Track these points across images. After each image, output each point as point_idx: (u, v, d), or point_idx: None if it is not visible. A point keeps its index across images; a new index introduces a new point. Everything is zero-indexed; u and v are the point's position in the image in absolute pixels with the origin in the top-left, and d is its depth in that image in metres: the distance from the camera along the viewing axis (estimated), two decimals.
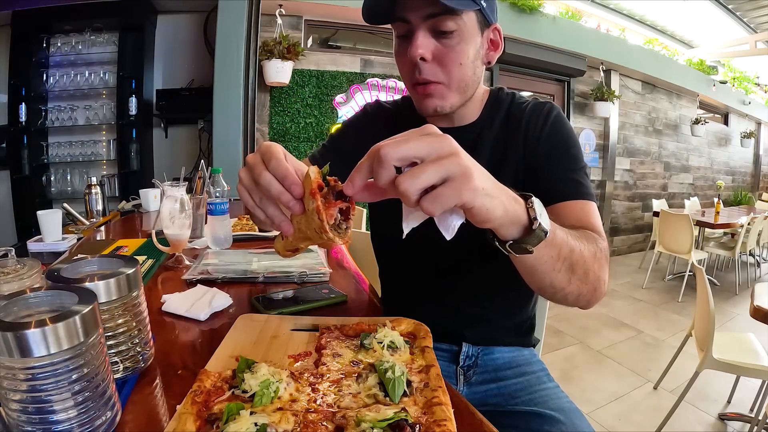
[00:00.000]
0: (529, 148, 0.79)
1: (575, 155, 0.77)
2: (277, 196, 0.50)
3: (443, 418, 0.44)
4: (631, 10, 5.24)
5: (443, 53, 0.72)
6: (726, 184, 6.85)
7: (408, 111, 0.87)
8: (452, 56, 0.72)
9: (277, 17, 3.14)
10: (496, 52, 0.80)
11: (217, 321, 0.77)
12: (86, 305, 0.42)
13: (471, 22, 0.72)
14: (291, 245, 0.57)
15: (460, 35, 0.71)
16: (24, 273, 0.64)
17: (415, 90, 0.76)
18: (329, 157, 0.90)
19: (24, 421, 0.40)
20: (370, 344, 0.59)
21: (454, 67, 0.73)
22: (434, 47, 0.72)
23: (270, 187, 0.50)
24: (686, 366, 2.05)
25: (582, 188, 0.74)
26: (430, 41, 0.71)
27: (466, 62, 0.73)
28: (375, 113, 0.94)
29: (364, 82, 3.48)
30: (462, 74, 0.74)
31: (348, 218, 0.50)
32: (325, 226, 0.47)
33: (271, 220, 0.53)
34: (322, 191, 0.48)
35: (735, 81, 6.44)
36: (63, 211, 1.50)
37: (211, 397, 0.48)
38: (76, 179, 3.16)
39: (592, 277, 0.61)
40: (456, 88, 0.75)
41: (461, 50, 0.72)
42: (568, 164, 0.76)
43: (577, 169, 0.76)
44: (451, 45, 0.72)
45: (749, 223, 3.99)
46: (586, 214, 0.71)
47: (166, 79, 3.29)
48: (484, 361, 0.87)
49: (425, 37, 0.71)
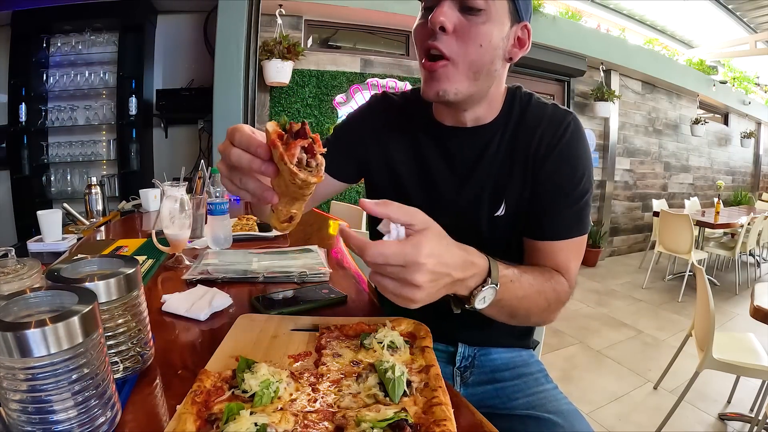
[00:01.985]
0: (538, 162, 0.75)
1: (582, 183, 0.74)
2: (248, 166, 0.50)
3: (443, 418, 0.44)
4: (631, 10, 5.24)
5: (465, 27, 0.67)
6: (726, 184, 6.85)
7: (416, 104, 0.83)
8: (474, 33, 0.67)
9: (277, 17, 3.14)
10: (521, 50, 0.74)
11: (217, 321, 0.77)
12: (86, 305, 0.42)
13: (502, 8, 0.68)
14: (282, 214, 0.55)
15: (487, 15, 0.67)
16: (24, 273, 0.64)
17: (423, 66, 0.71)
18: (333, 152, 0.86)
19: (24, 421, 0.40)
20: (370, 344, 0.59)
21: (473, 46, 0.67)
22: (458, 19, 0.67)
23: (240, 160, 0.51)
24: (686, 366, 2.05)
25: (577, 225, 0.74)
26: (454, 12, 0.67)
27: (487, 45, 0.68)
28: (381, 106, 0.89)
29: (364, 82, 3.48)
30: (478, 56, 0.68)
31: (314, 154, 0.49)
32: (292, 168, 0.47)
33: (254, 195, 0.53)
34: (282, 139, 0.48)
35: (735, 81, 6.44)
36: (63, 211, 1.50)
37: (211, 397, 0.48)
38: (76, 179, 3.16)
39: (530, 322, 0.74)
40: (466, 71, 0.69)
41: (485, 30, 0.67)
42: (573, 197, 0.74)
43: (580, 200, 0.74)
44: (476, 22, 0.67)
45: (749, 223, 3.99)
46: (567, 254, 0.74)
47: (166, 79, 3.29)
48: (482, 362, 0.86)
49: (451, 8, 0.67)
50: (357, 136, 0.87)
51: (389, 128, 0.85)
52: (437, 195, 0.80)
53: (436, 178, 0.80)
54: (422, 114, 0.82)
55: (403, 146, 0.83)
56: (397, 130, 0.84)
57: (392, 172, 0.84)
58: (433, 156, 0.81)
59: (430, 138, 0.81)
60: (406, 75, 3.60)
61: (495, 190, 0.77)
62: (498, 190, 0.77)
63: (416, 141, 0.82)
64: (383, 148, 0.84)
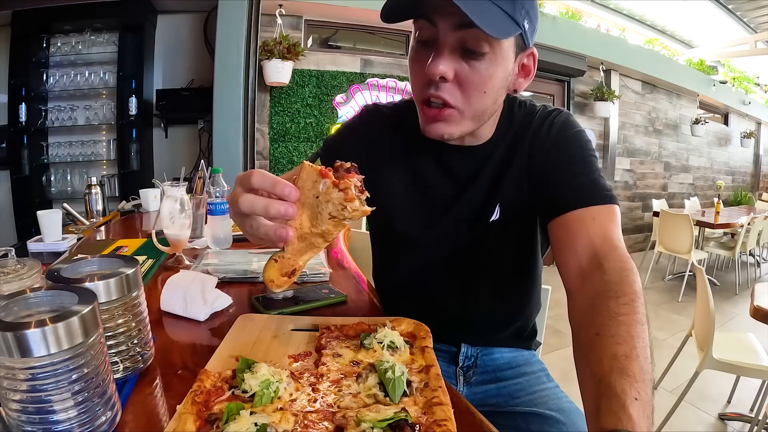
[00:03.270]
0: (534, 158, 0.73)
1: (587, 157, 0.70)
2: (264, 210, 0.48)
3: (443, 418, 0.44)
4: (631, 10, 5.24)
5: (468, 76, 0.62)
6: (726, 184, 6.85)
7: (409, 117, 0.77)
8: (477, 82, 0.62)
9: (277, 17, 3.14)
10: (525, 79, 0.70)
11: (217, 321, 0.77)
12: (86, 305, 0.42)
13: (507, 45, 0.62)
14: (287, 265, 0.53)
15: (492, 59, 0.61)
16: (24, 273, 0.64)
17: (423, 110, 0.68)
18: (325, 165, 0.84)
19: (24, 421, 0.40)
20: (370, 344, 0.59)
21: (476, 95, 0.63)
22: (459, 67, 0.61)
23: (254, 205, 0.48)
24: (686, 366, 2.05)
25: (599, 190, 0.65)
26: (455, 58, 0.61)
27: (491, 90, 0.64)
28: (372, 119, 0.86)
29: (364, 82, 3.47)
30: (482, 103, 0.65)
31: (363, 190, 0.50)
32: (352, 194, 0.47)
33: (268, 237, 0.50)
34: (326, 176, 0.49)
35: (735, 81, 6.44)
36: (63, 211, 1.50)
37: (211, 397, 0.48)
38: (76, 179, 3.16)
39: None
40: (471, 117, 0.66)
41: (489, 76, 0.62)
42: (581, 167, 0.68)
43: (591, 170, 0.68)
44: (479, 68, 0.61)
45: (749, 223, 3.99)
46: (605, 226, 0.61)
47: (166, 79, 3.29)
48: (484, 362, 0.86)
49: (452, 53, 0.60)
50: (349, 150, 0.79)
51: (382, 143, 0.82)
52: (434, 208, 0.79)
53: (434, 194, 0.79)
54: (417, 129, 0.73)
55: (399, 163, 0.81)
56: (391, 146, 0.82)
57: (387, 187, 0.80)
58: (431, 172, 0.79)
59: (427, 155, 0.79)
60: (406, 75, 3.54)
61: (490, 195, 0.76)
62: (493, 194, 0.76)
63: (412, 158, 0.80)
64: (377, 163, 0.79)
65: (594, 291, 0.54)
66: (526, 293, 0.87)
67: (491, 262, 0.81)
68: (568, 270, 0.61)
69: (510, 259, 0.82)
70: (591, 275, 0.57)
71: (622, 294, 0.51)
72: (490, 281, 0.82)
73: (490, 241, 0.78)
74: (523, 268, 0.85)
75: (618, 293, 0.51)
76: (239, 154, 2.99)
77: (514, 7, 0.58)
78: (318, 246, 0.52)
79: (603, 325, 0.49)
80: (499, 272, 0.82)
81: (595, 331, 0.49)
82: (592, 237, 0.60)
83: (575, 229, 0.63)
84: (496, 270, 0.82)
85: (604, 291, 0.53)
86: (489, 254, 0.80)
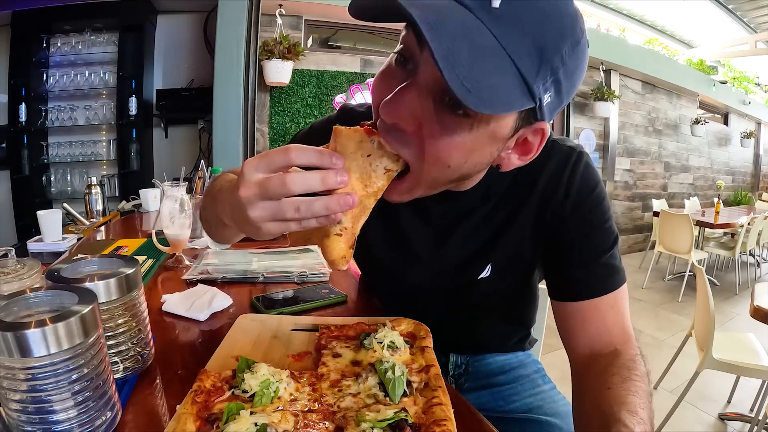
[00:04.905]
0: (546, 219, 0.62)
1: (607, 230, 0.61)
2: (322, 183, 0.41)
3: (443, 418, 0.44)
4: (631, 10, 5.24)
5: (433, 137, 0.44)
6: (726, 184, 6.85)
7: None
8: (442, 152, 0.44)
9: (277, 17, 3.14)
10: (521, 158, 0.51)
11: (217, 321, 0.77)
12: (86, 305, 0.42)
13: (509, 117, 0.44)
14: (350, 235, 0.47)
15: (477, 125, 0.43)
16: (24, 273, 0.64)
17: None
18: None
19: (24, 421, 0.40)
20: (370, 344, 0.59)
21: (435, 165, 0.46)
22: (426, 119, 0.43)
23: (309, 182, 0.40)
24: (686, 366, 2.05)
25: (615, 276, 0.61)
26: (424, 106, 0.43)
27: (457, 166, 0.46)
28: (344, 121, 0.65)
29: (364, 82, 3.47)
30: (443, 177, 0.48)
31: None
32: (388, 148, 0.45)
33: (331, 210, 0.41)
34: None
35: (735, 81, 6.44)
36: (63, 211, 1.50)
37: (211, 397, 0.48)
38: (76, 179, 3.16)
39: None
40: (426, 186, 0.50)
41: (463, 146, 0.44)
42: (601, 245, 0.61)
43: (612, 246, 0.61)
44: (454, 131, 0.43)
45: (749, 223, 3.99)
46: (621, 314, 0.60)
47: (166, 79, 3.29)
48: (476, 368, 0.84)
49: (421, 96, 0.43)
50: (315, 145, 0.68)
51: None
52: (409, 253, 0.69)
53: (408, 233, 0.68)
54: None
55: None
56: None
57: None
58: (404, 207, 0.65)
59: None
60: None
61: (481, 250, 0.66)
62: (484, 251, 0.66)
63: None
64: None
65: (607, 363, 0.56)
66: (523, 318, 0.84)
67: (483, 306, 0.76)
68: (576, 348, 0.63)
69: (504, 305, 0.77)
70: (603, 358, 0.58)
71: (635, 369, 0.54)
72: (482, 317, 0.79)
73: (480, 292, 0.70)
74: (518, 305, 0.80)
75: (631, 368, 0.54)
76: (239, 154, 2.99)
77: (538, 71, 0.40)
78: (369, 207, 0.47)
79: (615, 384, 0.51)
80: (491, 314, 0.78)
81: (607, 386, 0.51)
82: (610, 327, 0.60)
83: (591, 317, 0.61)
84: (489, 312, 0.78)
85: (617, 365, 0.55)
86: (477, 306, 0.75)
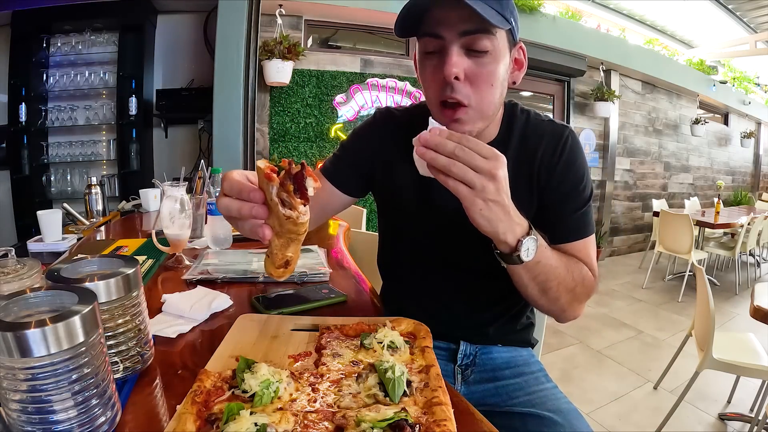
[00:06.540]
0: (543, 176, 0.80)
1: (585, 190, 0.80)
2: (238, 214, 0.53)
3: (443, 418, 0.44)
4: (631, 10, 5.23)
5: (477, 73, 0.69)
6: (726, 184, 6.85)
7: (421, 120, 0.80)
8: (485, 76, 0.70)
9: (277, 17, 3.14)
10: (520, 71, 0.78)
11: (217, 321, 0.77)
12: (86, 305, 0.42)
13: (503, 42, 0.70)
14: (278, 259, 0.55)
15: (493, 55, 0.69)
16: (24, 273, 0.64)
17: (442, 112, 0.73)
18: (340, 167, 0.90)
19: (24, 421, 0.40)
20: (370, 344, 0.59)
21: (486, 89, 0.70)
22: (468, 66, 0.69)
23: (230, 209, 0.53)
24: (686, 366, 2.05)
25: (585, 227, 0.80)
26: (464, 60, 0.68)
27: (497, 83, 0.71)
28: (385, 122, 0.91)
29: (364, 82, 3.47)
30: (492, 97, 0.72)
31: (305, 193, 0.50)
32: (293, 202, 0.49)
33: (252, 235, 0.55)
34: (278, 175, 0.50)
35: (735, 81, 6.44)
36: (63, 211, 1.50)
37: (211, 397, 0.48)
38: (76, 179, 3.16)
39: (560, 304, 0.73)
40: (484, 112, 0.72)
41: (494, 70, 0.70)
42: (578, 203, 0.80)
43: (584, 205, 0.80)
44: (485, 64, 0.69)
45: (749, 223, 3.98)
46: (585, 252, 0.80)
47: (166, 79, 3.29)
48: (482, 360, 0.87)
49: (460, 56, 0.68)
50: (362, 152, 0.90)
51: (393, 146, 0.86)
52: (439, 213, 0.82)
53: (438, 197, 0.81)
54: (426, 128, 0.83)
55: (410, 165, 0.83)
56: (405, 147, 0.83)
57: (396, 188, 0.86)
58: None
59: None
60: (406, 75, 3.59)
61: None
62: None
63: None
64: (388, 165, 0.87)
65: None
66: None
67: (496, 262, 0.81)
68: None
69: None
70: None
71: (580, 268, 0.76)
72: (492, 279, 0.82)
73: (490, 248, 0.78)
74: None
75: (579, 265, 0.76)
76: (239, 154, 2.99)
77: (501, 6, 0.68)
78: (297, 239, 0.54)
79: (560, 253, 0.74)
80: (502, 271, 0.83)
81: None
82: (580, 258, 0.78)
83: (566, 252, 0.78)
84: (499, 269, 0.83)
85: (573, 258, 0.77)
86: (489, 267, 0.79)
